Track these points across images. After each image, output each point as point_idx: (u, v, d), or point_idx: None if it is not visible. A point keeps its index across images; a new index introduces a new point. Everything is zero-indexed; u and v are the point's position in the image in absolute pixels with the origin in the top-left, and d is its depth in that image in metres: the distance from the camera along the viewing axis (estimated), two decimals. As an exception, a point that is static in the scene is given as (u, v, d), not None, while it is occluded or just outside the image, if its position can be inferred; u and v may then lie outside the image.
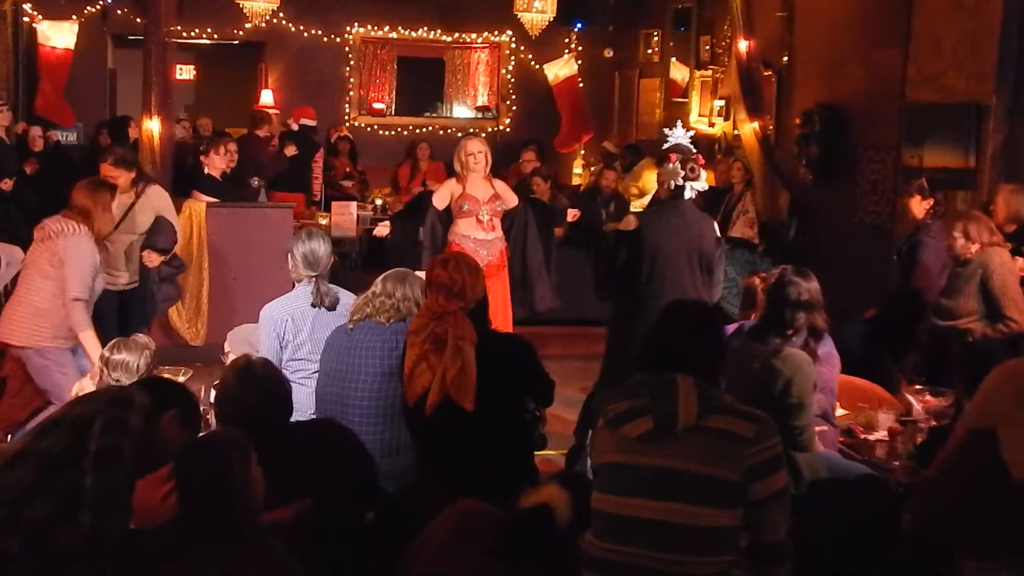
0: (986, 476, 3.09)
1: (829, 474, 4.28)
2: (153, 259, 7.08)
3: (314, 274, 4.96)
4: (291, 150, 10.71)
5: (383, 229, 7.30)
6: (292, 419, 3.88)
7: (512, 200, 7.19)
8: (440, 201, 7.03)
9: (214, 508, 2.85)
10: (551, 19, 10.77)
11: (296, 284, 5.12)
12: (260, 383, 3.69)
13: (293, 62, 13.70)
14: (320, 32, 13.57)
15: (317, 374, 4.68)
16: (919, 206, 6.93)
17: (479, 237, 6.89)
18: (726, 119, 11.03)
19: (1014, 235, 6.64)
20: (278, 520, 3.16)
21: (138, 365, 4.16)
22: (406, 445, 4.27)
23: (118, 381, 4.10)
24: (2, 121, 9.57)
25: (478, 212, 6.92)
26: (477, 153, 6.94)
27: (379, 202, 11.67)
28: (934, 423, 4.75)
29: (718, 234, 5.96)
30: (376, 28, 13.90)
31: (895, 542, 3.55)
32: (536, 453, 4.38)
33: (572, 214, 7.89)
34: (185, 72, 15.06)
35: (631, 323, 5.55)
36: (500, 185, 7.24)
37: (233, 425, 3.62)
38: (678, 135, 5.87)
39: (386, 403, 4.23)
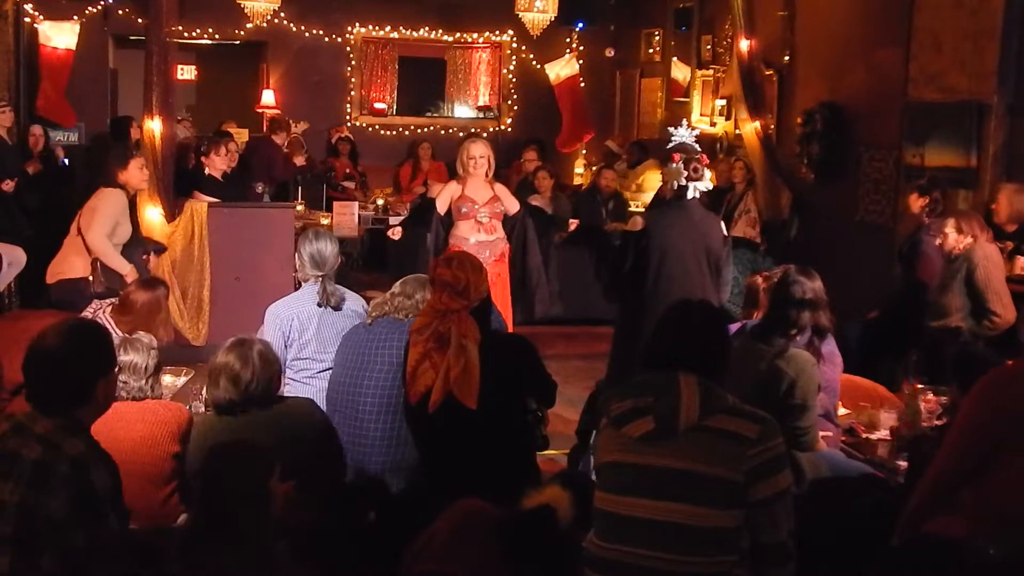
0: None
1: (831, 473, 4.28)
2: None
3: (320, 274, 5.00)
4: (300, 159, 10.71)
5: (396, 233, 7.31)
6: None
7: (513, 205, 7.20)
8: (441, 205, 7.06)
9: (229, 508, 2.87)
10: (552, 19, 10.78)
11: (302, 284, 5.15)
12: (254, 354, 3.94)
13: (294, 62, 13.70)
14: (321, 32, 13.57)
15: (322, 373, 4.72)
16: (916, 202, 6.96)
17: (478, 239, 6.90)
18: (727, 118, 11.03)
19: (1015, 234, 6.64)
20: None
21: (147, 366, 4.16)
22: None
23: (126, 383, 4.10)
24: (4, 122, 9.56)
25: (477, 214, 6.93)
26: (479, 158, 6.98)
27: (380, 202, 11.68)
28: (936, 423, 4.75)
29: (725, 233, 5.96)
30: (377, 28, 13.90)
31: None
32: (539, 453, 4.38)
33: (572, 224, 7.89)
34: (186, 72, 15.06)
35: (638, 323, 5.55)
36: (501, 189, 7.25)
37: (219, 390, 3.90)
38: (683, 134, 5.86)
39: (398, 394, 4.25)
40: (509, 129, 14.29)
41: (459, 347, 3.92)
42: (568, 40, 13.94)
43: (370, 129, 14.03)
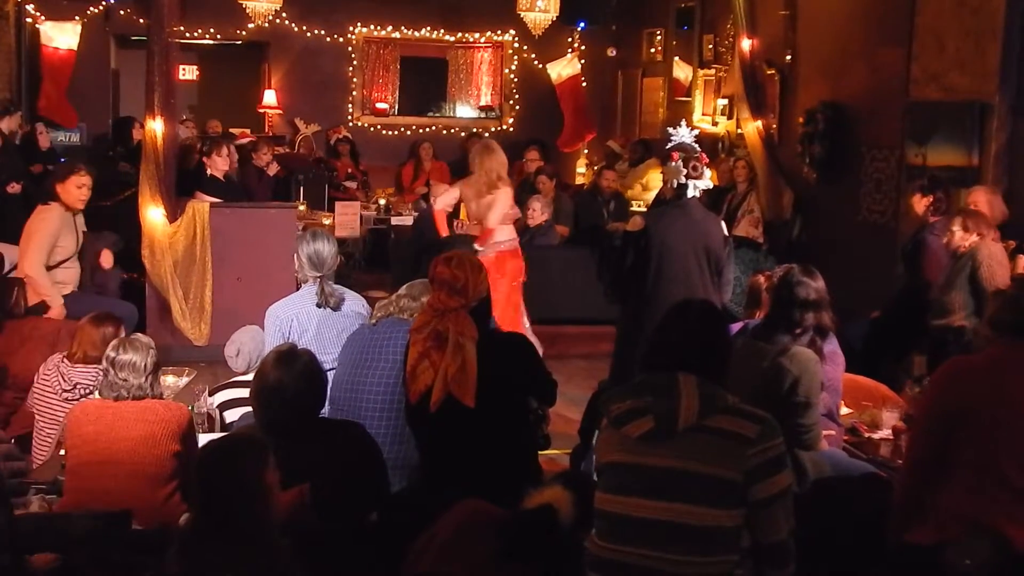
0: None
1: (833, 472, 4.28)
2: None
3: (319, 274, 5.00)
4: (273, 168, 10.64)
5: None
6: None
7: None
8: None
9: (226, 506, 2.87)
10: (554, 18, 10.79)
11: (302, 284, 5.15)
12: (301, 369, 3.69)
13: (296, 62, 13.72)
14: (323, 32, 13.58)
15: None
16: (919, 203, 6.96)
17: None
18: (729, 118, 11.03)
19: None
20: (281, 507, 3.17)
21: (145, 364, 4.16)
22: None
23: (126, 381, 4.10)
24: (11, 125, 9.57)
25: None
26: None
27: (383, 202, 11.68)
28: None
29: (726, 233, 5.95)
30: (379, 28, 13.92)
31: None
32: (540, 453, 4.38)
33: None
34: (188, 72, 15.08)
35: (639, 323, 5.54)
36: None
37: (266, 407, 3.66)
38: (682, 134, 5.86)
39: (400, 392, 4.24)
40: (511, 129, 14.30)
41: (456, 345, 3.92)
42: (570, 40, 13.95)
43: (372, 129, 14.05)
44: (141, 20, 11.76)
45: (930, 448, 3.41)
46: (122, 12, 12.59)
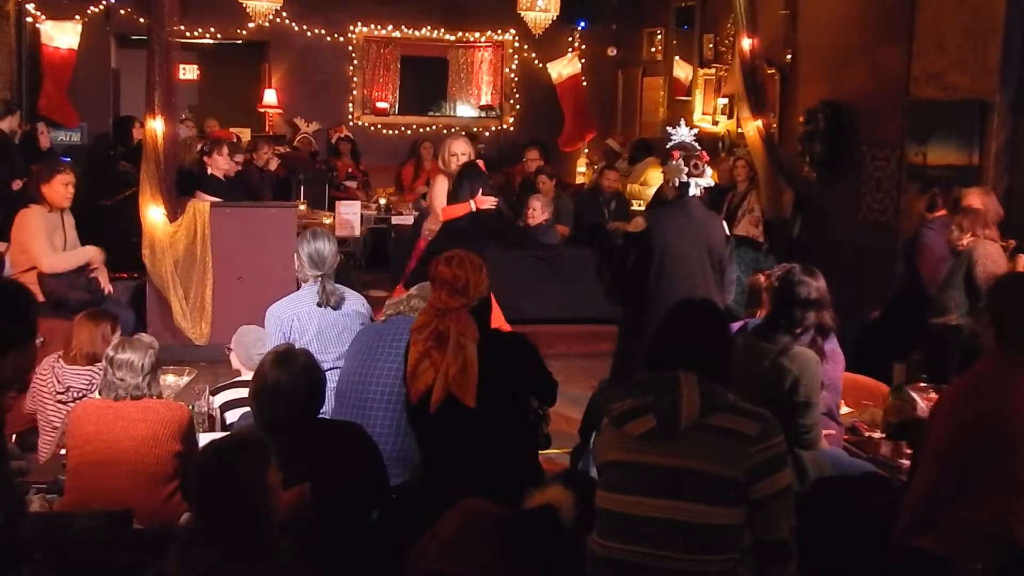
0: None
1: (834, 471, 4.28)
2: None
3: (319, 273, 5.01)
4: (274, 163, 10.67)
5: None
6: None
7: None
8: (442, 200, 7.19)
9: (228, 507, 2.87)
10: (554, 18, 10.79)
11: (302, 284, 5.15)
12: (299, 369, 3.71)
13: (296, 61, 13.73)
14: (323, 31, 13.58)
15: (326, 372, 4.74)
16: (917, 203, 6.97)
17: None
18: (730, 117, 11.03)
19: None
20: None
21: (143, 364, 4.16)
22: None
23: (123, 380, 4.11)
24: (12, 125, 9.57)
25: None
26: (460, 155, 7.07)
27: (383, 202, 11.69)
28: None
29: (727, 232, 5.94)
30: (379, 27, 13.92)
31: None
32: (540, 452, 4.39)
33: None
34: (188, 72, 15.08)
35: (641, 323, 5.53)
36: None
37: (265, 407, 3.68)
38: (682, 133, 5.86)
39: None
40: (511, 128, 14.31)
41: (457, 345, 3.92)
42: (570, 39, 13.96)
43: (372, 128, 14.05)
44: (141, 20, 11.76)
45: (954, 468, 3.36)
46: (122, 12, 12.60)
